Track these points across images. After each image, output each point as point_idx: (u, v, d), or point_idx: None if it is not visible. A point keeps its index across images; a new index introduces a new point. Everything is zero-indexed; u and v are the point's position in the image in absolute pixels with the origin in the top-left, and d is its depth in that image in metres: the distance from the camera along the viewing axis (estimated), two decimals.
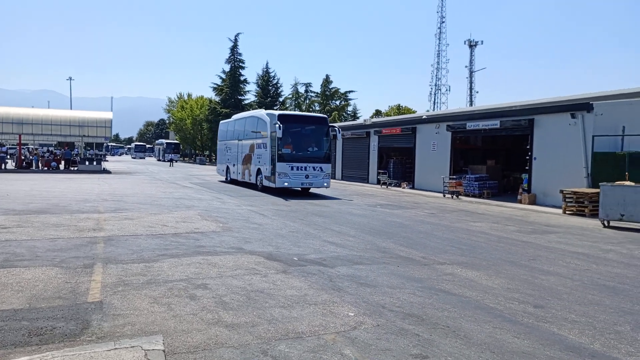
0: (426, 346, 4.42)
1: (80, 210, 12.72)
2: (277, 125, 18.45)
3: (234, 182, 25.96)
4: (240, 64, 67.77)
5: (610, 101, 18.46)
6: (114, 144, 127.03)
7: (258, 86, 67.73)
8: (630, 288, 6.87)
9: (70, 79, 74.91)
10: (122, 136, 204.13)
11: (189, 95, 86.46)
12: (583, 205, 15.76)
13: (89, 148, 58.49)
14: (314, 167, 19.68)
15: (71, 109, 57.22)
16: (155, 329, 4.53)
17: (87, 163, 35.44)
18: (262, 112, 22.00)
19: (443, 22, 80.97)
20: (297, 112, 20.35)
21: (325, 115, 21.31)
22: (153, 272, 6.60)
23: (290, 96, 69.38)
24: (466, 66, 78.16)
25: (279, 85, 68.19)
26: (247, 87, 69.15)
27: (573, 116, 17.62)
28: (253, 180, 22.24)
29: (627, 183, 13.42)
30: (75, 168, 35.56)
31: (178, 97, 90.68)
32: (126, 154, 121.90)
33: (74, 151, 43.68)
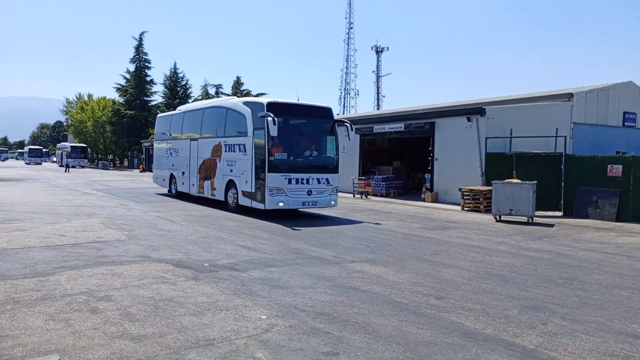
0: (337, 343, 4.55)
1: None
2: (268, 119, 12.82)
3: (182, 195, 19.50)
4: (146, 64, 64.92)
5: (500, 106, 20.26)
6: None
7: (166, 87, 65.26)
8: (517, 276, 7.59)
9: None
10: (12, 139, 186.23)
11: (90, 96, 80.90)
12: (479, 202, 17.10)
13: None
14: (318, 179, 13.90)
15: None
16: (51, 348, 4.21)
17: None
18: (235, 101, 15.91)
19: (351, 27, 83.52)
20: (292, 101, 14.88)
21: (329, 106, 15.01)
22: (49, 287, 6.10)
23: (200, 98, 67.59)
24: (373, 71, 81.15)
25: (188, 86, 66.26)
26: (154, 88, 66.45)
27: (469, 120, 19.06)
28: (219, 197, 16.02)
29: (515, 180, 14.79)
30: None
31: (77, 98, 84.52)
32: (16, 158, 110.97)
33: None
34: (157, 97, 67.13)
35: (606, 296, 6.52)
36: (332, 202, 14.32)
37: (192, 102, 62.90)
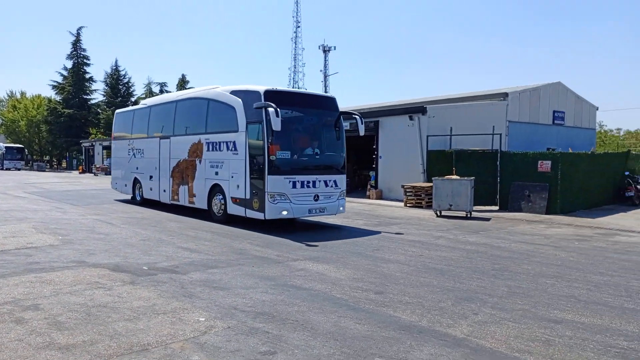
0: (275, 342, 4.57)
1: None
2: (269, 110, 10.56)
3: (150, 203, 16.87)
4: (85, 61, 62.13)
5: (441, 105, 20.97)
6: None
7: (107, 85, 62.79)
8: (453, 269, 7.90)
9: None
10: None
11: (23, 94, 76.39)
12: (420, 198, 17.63)
13: None
14: (325, 182, 11.87)
15: None
16: None
17: None
18: (219, 91, 13.04)
19: (298, 26, 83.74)
20: (292, 89, 13.34)
21: (333, 95, 13.31)
22: None
23: (144, 96, 65.46)
24: (321, 70, 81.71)
25: (130, 84, 64.15)
26: (94, 86, 63.73)
27: (411, 118, 19.59)
28: (200, 205, 13.60)
29: (454, 177, 15.37)
30: None
31: (9, 96, 79.66)
32: None
33: None
34: (98, 95, 64.49)
35: (533, 285, 6.91)
36: (341, 208, 12.28)
37: (135, 100, 60.89)
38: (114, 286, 6.39)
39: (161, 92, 65.81)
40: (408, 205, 17.94)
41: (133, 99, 63.02)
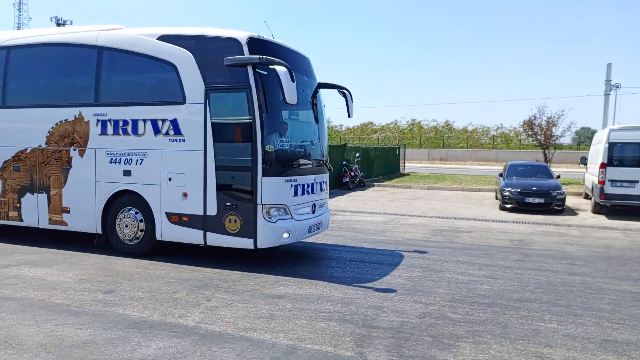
0: None
1: None
2: (279, 72, 6.68)
3: None
4: None
5: None
6: None
7: None
8: (190, 258, 7.92)
9: None
10: None
11: None
12: None
13: None
14: (320, 184, 8.29)
15: None
16: None
17: None
18: (135, 37, 7.97)
19: None
20: (278, 41, 7.71)
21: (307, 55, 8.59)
22: None
23: None
24: None
25: None
26: None
27: None
28: (80, 226, 8.40)
29: None
30: None
31: None
32: None
33: None
34: None
35: (261, 267, 7.47)
36: (327, 216, 8.72)
37: None
38: None
39: None
40: None
41: None
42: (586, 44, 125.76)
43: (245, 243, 7.12)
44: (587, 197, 17.00)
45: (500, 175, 16.29)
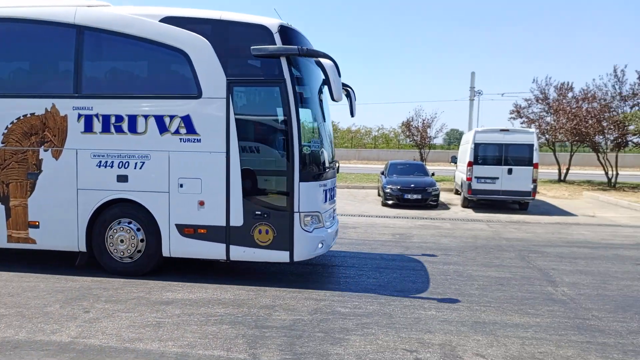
0: None
1: None
2: (326, 66, 6.18)
3: None
4: None
5: None
6: None
7: None
8: (62, 268, 7.22)
9: None
10: None
11: None
12: None
13: None
14: (334, 189, 7.57)
15: None
16: None
17: None
18: (129, 18, 6.52)
19: None
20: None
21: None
22: None
23: None
24: None
25: None
26: None
27: None
28: (50, 243, 6.86)
29: None
30: None
31: None
32: None
33: None
34: None
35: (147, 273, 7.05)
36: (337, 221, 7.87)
37: None
38: None
39: None
40: None
41: None
42: (453, 54, 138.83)
43: (280, 256, 6.33)
44: (457, 192, 18.69)
45: (382, 173, 17.26)
